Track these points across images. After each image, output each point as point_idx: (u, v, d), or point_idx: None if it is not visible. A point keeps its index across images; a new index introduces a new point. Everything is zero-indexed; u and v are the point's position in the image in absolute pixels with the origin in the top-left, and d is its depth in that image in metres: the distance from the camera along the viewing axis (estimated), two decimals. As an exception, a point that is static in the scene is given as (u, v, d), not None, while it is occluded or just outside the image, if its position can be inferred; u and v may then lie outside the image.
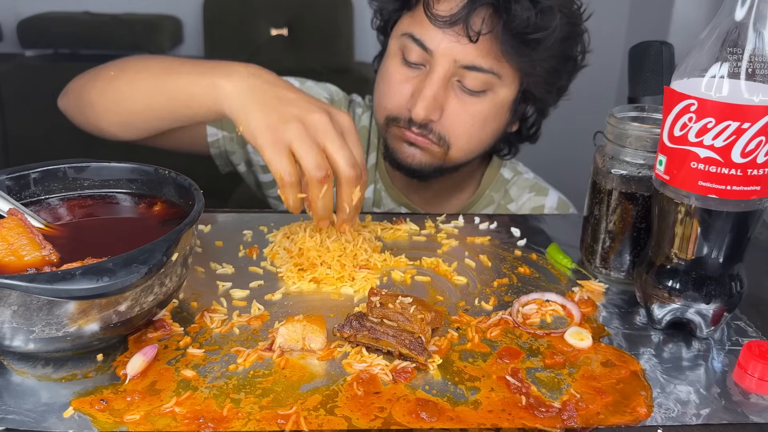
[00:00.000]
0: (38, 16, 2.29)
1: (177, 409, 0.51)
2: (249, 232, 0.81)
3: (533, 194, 1.09)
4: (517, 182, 1.10)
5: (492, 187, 1.09)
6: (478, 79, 0.90)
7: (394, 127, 0.96)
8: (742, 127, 0.52)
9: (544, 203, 1.08)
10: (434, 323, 0.61)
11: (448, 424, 0.51)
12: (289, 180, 0.68)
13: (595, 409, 0.53)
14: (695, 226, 0.58)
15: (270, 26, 2.25)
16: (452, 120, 0.92)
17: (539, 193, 1.09)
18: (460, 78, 0.90)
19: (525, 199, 1.08)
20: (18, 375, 0.55)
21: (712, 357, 0.60)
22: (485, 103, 0.93)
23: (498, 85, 0.92)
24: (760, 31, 0.53)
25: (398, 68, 0.95)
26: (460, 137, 0.94)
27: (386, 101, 0.96)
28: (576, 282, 0.72)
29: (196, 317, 0.64)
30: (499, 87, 0.92)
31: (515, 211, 1.08)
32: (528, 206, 1.08)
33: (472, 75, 0.90)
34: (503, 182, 1.10)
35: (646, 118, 0.70)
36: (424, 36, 0.90)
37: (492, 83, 0.91)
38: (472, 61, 0.88)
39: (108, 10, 2.30)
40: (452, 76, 0.90)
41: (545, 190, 1.09)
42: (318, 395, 0.53)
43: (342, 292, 0.70)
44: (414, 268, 0.74)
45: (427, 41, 0.89)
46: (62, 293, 0.49)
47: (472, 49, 0.88)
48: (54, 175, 0.68)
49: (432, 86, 0.90)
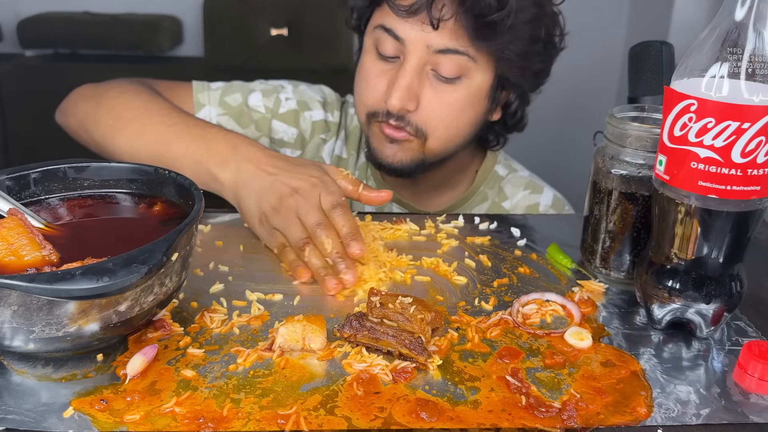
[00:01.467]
0: (38, 16, 2.29)
1: (177, 409, 0.51)
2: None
3: (528, 192, 1.09)
4: (511, 180, 1.10)
5: (486, 183, 1.09)
6: (453, 63, 0.90)
7: (375, 123, 0.96)
8: (742, 127, 0.52)
9: (539, 201, 1.08)
10: (434, 323, 0.61)
11: (448, 424, 0.51)
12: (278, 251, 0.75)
13: (595, 409, 0.53)
14: (695, 226, 0.58)
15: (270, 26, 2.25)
16: (428, 110, 0.92)
17: (534, 191, 1.09)
18: (434, 66, 0.90)
19: (520, 197, 1.08)
20: (18, 375, 0.55)
21: (712, 357, 0.60)
22: (461, 91, 0.92)
23: (473, 70, 0.91)
24: (760, 31, 0.53)
25: (374, 63, 0.95)
26: (437, 127, 0.94)
27: (365, 97, 0.96)
28: (576, 282, 0.72)
29: (196, 317, 0.64)
30: (474, 72, 0.92)
31: (510, 209, 1.08)
32: (523, 204, 1.08)
33: (446, 60, 0.89)
34: (497, 179, 1.10)
35: (646, 118, 0.70)
36: (395, 25, 0.90)
37: (467, 68, 0.91)
38: (445, 45, 0.88)
39: (108, 10, 2.30)
40: (426, 64, 0.90)
41: (540, 187, 1.09)
42: (318, 395, 0.53)
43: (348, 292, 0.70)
44: (414, 268, 0.74)
45: (398, 30, 0.90)
46: (62, 293, 0.49)
47: (442, 34, 0.88)
48: (54, 175, 0.68)
49: (406, 76, 0.90)
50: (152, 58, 2.34)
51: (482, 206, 1.09)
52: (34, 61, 2.32)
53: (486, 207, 1.09)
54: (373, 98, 0.95)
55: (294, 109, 1.08)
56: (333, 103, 1.12)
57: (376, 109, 0.95)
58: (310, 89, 1.12)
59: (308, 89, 1.11)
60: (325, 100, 1.11)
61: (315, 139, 1.10)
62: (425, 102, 0.92)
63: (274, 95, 1.07)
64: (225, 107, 1.04)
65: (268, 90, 1.08)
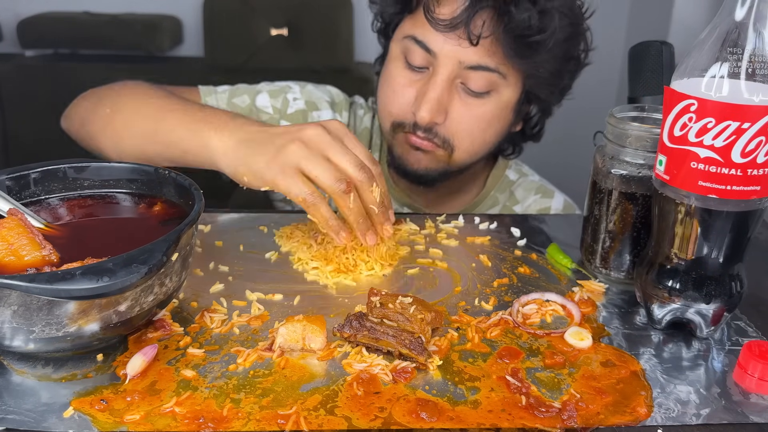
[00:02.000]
0: (38, 16, 2.29)
1: (177, 409, 0.51)
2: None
3: (539, 196, 1.09)
4: (522, 184, 1.10)
5: (497, 188, 1.09)
6: (483, 79, 0.90)
7: (400, 133, 0.96)
8: (742, 127, 0.52)
9: (551, 205, 1.08)
10: (434, 323, 0.61)
11: (448, 424, 0.51)
12: (312, 199, 0.68)
13: (595, 409, 0.53)
14: (695, 226, 0.58)
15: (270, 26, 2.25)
16: (457, 122, 0.92)
17: (545, 195, 1.09)
18: (464, 80, 0.90)
19: (531, 201, 1.08)
20: (18, 375, 0.55)
21: (712, 357, 0.60)
22: (489, 105, 0.93)
23: (502, 86, 0.92)
24: (760, 31, 0.53)
25: (401, 72, 0.94)
26: (464, 139, 0.94)
27: (390, 106, 0.96)
28: (576, 282, 0.72)
29: (196, 317, 0.64)
30: (503, 88, 0.92)
31: (520, 213, 1.08)
32: (534, 208, 1.08)
33: (476, 75, 0.89)
34: (508, 183, 1.10)
35: (646, 118, 0.70)
36: (428, 38, 0.89)
37: (496, 83, 0.91)
38: (477, 61, 0.88)
39: (108, 10, 2.30)
40: (456, 78, 0.90)
41: (551, 192, 1.09)
42: (318, 395, 0.53)
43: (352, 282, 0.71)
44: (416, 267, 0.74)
45: (431, 43, 0.89)
46: (62, 293, 0.49)
47: (476, 50, 0.88)
48: (54, 175, 0.68)
49: (436, 89, 0.90)
50: (152, 58, 2.34)
51: (493, 211, 1.09)
52: (34, 61, 2.32)
53: (496, 211, 1.09)
54: (399, 108, 0.94)
55: (302, 109, 1.07)
56: (341, 104, 1.12)
57: (403, 119, 0.95)
58: (318, 89, 1.11)
59: (316, 89, 1.11)
60: (333, 100, 1.11)
61: None
62: (454, 115, 0.92)
63: (281, 95, 1.07)
64: (233, 109, 1.04)
65: (275, 91, 1.07)
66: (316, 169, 0.68)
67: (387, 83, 0.97)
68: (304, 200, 0.68)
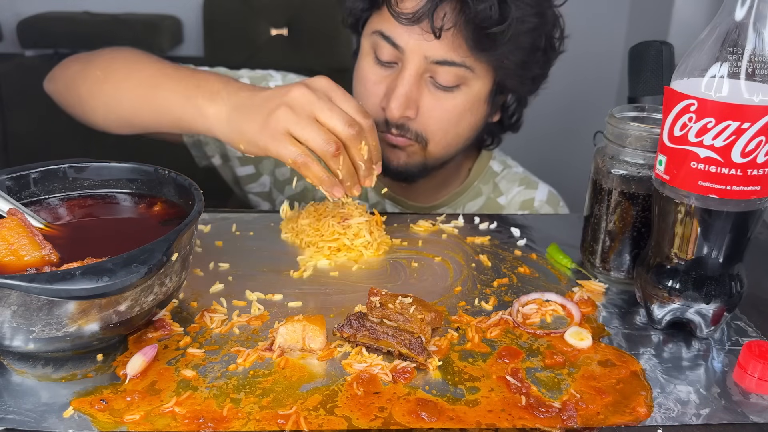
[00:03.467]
0: (38, 16, 2.29)
1: (177, 409, 0.51)
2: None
3: (523, 187, 1.09)
4: (506, 175, 1.10)
5: (480, 179, 1.09)
6: (451, 74, 0.89)
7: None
8: (742, 127, 0.52)
9: (534, 196, 1.08)
10: (434, 323, 0.61)
11: (447, 424, 0.51)
12: (302, 160, 0.71)
13: (595, 409, 0.53)
14: (695, 226, 0.58)
15: (270, 26, 2.25)
16: (427, 116, 0.92)
17: (529, 187, 1.09)
18: (433, 74, 0.90)
19: (515, 193, 1.08)
20: (18, 375, 0.55)
21: (712, 357, 0.60)
22: (459, 98, 0.92)
23: (471, 79, 0.91)
24: (760, 31, 0.53)
25: (371, 68, 0.94)
26: (436, 133, 0.93)
27: (364, 104, 0.95)
28: (576, 282, 0.72)
29: (196, 317, 0.64)
30: (473, 81, 0.91)
31: (505, 204, 1.08)
32: (518, 199, 1.08)
33: (444, 70, 0.89)
34: (492, 175, 1.10)
35: (646, 118, 0.70)
36: (393, 33, 0.89)
37: (464, 77, 0.90)
38: (443, 56, 0.88)
39: (108, 10, 2.30)
40: (424, 72, 0.90)
41: (535, 183, 1.09)
42: (318, 395, 0.53)
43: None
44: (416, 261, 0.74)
45: (397, 39, 0.89)
46: (62, 293, 0.49)
47: (441, 44, 0.87)
48: (54, 175, 0.68)
49: (404, 84, 0.89)
50: (152, 58, 2.34)
51: (476, 201, 1.09)
52: (34, 61, 2.32)
53: (481, 202, 1.09)
54: (371, 105, 0.94)
55: None
56: None
57: (376, 117, 0.94)
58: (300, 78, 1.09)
59: (297, 78, 1.09)
60: None
61: None
62: (424, 109, 0.91)
63: (262, 82, 1.06)
64: None
65: (255, 77, 1.07)
66: (304, 132, 0.70)
67: (358, 80, 0.97)
68: (295, 161, 0.70)
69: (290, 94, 0.71)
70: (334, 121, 0.70)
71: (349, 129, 0.70)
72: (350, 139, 0.71)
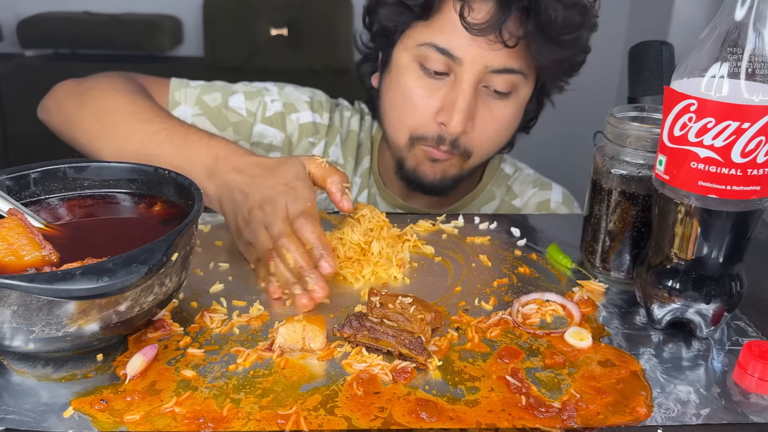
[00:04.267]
0: (38, 16, 2.29)
1: (177, 409, 0.51)
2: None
3: (537, 189, 1.08)
4: (518, 178, 1.10)
5: (493, 182, 1.09)
6: (506, 81, 0.89)
7: (420, 147, 0.93)
8: (742, 127, 0.52)
9: (550, 197, 1.07)
10: (434, 323, 0.61)
11: (447, 424, 0.51)
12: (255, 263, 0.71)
13: (595, 409, 0.53)
14: (695, 226, 0.58)
15: (270, 26, 2.25)
16: (480, 128, 0.90)
17: (543, 188, 1.08)
18: (487, 82, 0.89)
19: (530, 194, 1.08)
20: (18, 375, 0.55)
21: (712, 357, 0.60)
22: (510, 106, 0.92)
23: (521, 85, 0.91)
24: (760, 31, 0.53)
25: (419, 81, 0.90)
26: (483, 145, 0.92)
27: (410, 119, 0.92)
28: (576, 282, 0.72)
29: (196, 317, 0.64)
30: (522, 87, 0.91)
31: (521, 207, 1.07)
32: (534, 201, 1.07)
33: (500, 77, 0.88)
34: (504, 178, 1.10)
35: (646, 118, 0.70)
36: (451, 45, 0.86)
37: (517, 83, 0.90)
38: (503, 65, 0.87)
39: (108, 10, 2.30)
40: (481, 81, 0.88)
41: (549, 184, 1.09)
42: (318, 395, 0.53)
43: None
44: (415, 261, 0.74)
45: (456, 50, 0.86)
46: (62, 293, 0.49)
47: (503, 53, 0.86)
48: (54, 175, 0.68)
49: (465, 97, 0.87)
50: (152, 58, 2.34)
51: (491, 205, 1.09)
52: (34, 61, 2.32)
53: (495, 205, 1.08)
54: (421, 120, 0.91)
55: (280, 112, 1.03)
56: (322, 104, 1.08)
57: (425, 132, 0.92)
58: (298, 90, 1.07)
59: (295, 90, 1.07)
60: (313, 100, 1.07)
61: (303, 143, 1.05)
62: (478, 121, 0.90)
63: (258, 98, 1.03)
64: (202, 107, 1.00)
65: (251, 92, 1.03)
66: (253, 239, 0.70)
67: (401, 95, 0.92)
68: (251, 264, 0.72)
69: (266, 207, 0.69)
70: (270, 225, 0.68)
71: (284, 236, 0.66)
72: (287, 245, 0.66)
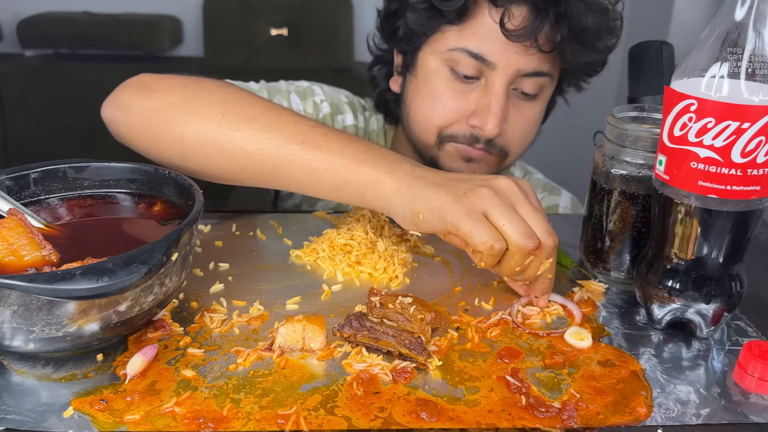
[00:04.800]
0: (38, 16, 2.29)
1: (177, 409, 0.51)
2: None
3: (546, 194, 1.09)
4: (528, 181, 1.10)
5: None
6: (535, 83, 0.90)
7: (451, 144, 0.93)
8: (742, 127, 0.52)
9: (559, 202, 1.08)
10: (434, 323, 0.61)
11: (447, 424, 0.51)
12: (500, 247, 0.61)
13: (595, 409, 0.53)
14: (695, 226, 0.58)
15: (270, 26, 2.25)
16: (512, 129, 0.91)
17: (552, 193, 1.09)
18: (517, 85, 0.90)
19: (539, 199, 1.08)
20: (18, 375, 0.55)
21: (712, 357, 0.60)
22: (538, 106, 0.93)
23: (547, 86, 0.92)
24: (760, 31, 0.53)
25: (449, 84, 0.91)
26: (517, 144, 0.94)
27: (438, 118, 0.92)
28: (576, 282, 0.72)
29: (196, 317, 0.64)
30: (548, 87, 0.93)
31: None
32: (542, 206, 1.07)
33: (531, 80, 0.89)
34: None
35: (646, 118, 0.70)
36: (484, 50, 0.87)
37: (544, 84, 0.91)
38: (535, 68, 0.88)
39: (108, 10, 2.30)
40: (511, 84, 0.89)
41: (558, 189, 1.10)
42: (318, 395, 0.53)
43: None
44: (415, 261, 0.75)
45: (488, 55, 0.87)
46: (62, 293, 0.49)
47: (535, 58, 0.87)
48: (54, 175, 0.68)
49: (499, 100, 0.88)
50: (152, 58, 2.34)
51: None
52: (34, 61, 2.32)
53: None
54: (451, 119, 0.92)
55: (329, 113, 1.04)
56: (357, 106, 1.08)
57: (455, 131, 0.92)
58: (333, 90, 1.08)
59: (332, 90, 1.07)
60: (350, 101, 1.08)
61: None
62: (510, 122, 0.91)
63: (310, 99, 1.03)
64: None
65: (301, 92, 1.03)
66: (506, 218, 0.62)
67: (431, 98, 0.93)
68: (492, 247, 0.61)
69: (496, 181, 0.65)
70: (535, 221, 0.63)
71: (549, 237, 0.63)
72: (546, 248, 0.63)
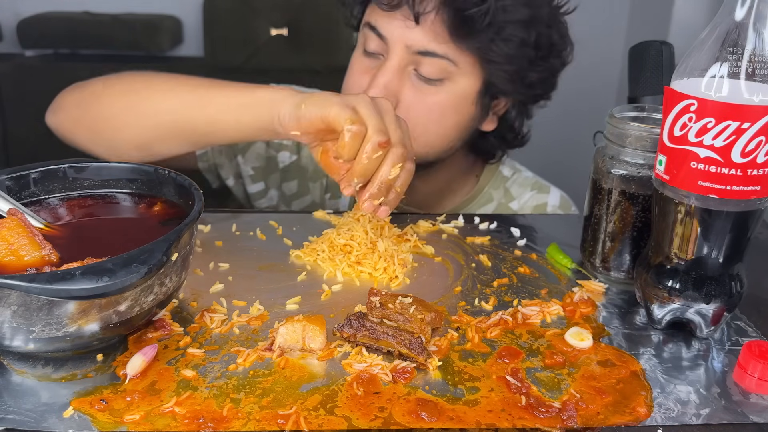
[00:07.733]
0: (38, 16, 2.29)
1: (177, 409, 0.51)
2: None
3: (535, 192, 1.08)
4: (517, 180, 1.10)
5: (491, 184, 1.09)
6: (434, 66, 0.88)
7: None
8: (742, 127, 0.52)
9: (547, 201, 1.07)
10: (434, 323, 0.61)
11: (447, 424, 0.51)
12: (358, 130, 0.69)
13: (595, 409, 0.53)
14: (695, 226, 0.58)
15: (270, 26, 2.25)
16: (408, 110, 0.89)
17: (541, 191, 1.08)
18: (416, 66, 0.89)
19: (527, 197, 1.08)
20: (18, 375, 0.55)
21: (712, 357, 0.60)
22: (443, 94, 0.91)
23: (456, 74, 0.90)
24: (760, 31, 0.53)
25: (358, 60, 0.95)
26: (415, 128, 0.89)
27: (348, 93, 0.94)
28: (576, 282, 0.72)
29: (196, 317, 0.64)
30: (458, 76, 0.90)
31: (518, 209, 1.07)
32: (531, 204, 1.07)
33: (427, 61, 0.88)
34: (502, 180, 1.09)
35: (646, 118, 0.70)
36: (379, 23, 0.89)
37: (449, 71, 0.89)
38: (425, 46, 0.87)
39: (108, 10, 2.30)
40: (408, 64, 0.89)
41: (547, 187, 1.09)
42: (318, 395, 0.53)
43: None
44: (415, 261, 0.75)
45: (381, 28, 0.89)
46: (62, 293, 0.49)
47: (422, 33, 0.86)
48: (54, 175, 0.68)
49: (385, 74, 0.89)
50: (152, 58, 2.34)
51: (488, 207, 1.08)
52: (34, 61, 2.32)
53: (492, 208, 1.08)
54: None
55: None
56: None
57: None
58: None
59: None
60: None
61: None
62: (404, 102, 0.90)
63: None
64: None
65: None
66: (370, 113, 0.70)
67: (348, 74, 0.98)
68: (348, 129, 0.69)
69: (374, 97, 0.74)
70: (394, 126, 0.71)
71: (402, 147, 0.71)
72: (396, 153, 0.71)
